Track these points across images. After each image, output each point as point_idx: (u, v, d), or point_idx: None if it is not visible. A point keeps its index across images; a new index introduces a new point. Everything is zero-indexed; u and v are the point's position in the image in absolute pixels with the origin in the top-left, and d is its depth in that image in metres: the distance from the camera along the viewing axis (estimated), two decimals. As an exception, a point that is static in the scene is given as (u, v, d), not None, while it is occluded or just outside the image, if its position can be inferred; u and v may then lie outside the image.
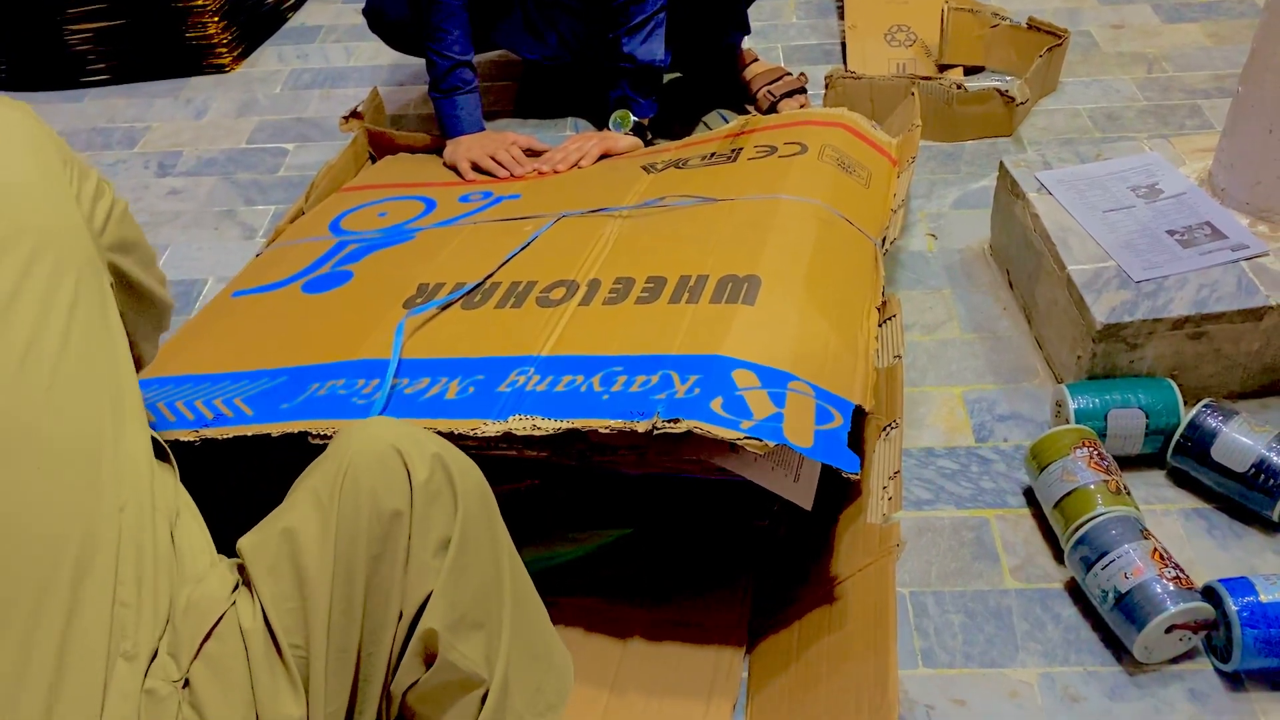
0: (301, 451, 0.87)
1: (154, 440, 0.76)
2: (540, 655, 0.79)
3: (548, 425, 0.90)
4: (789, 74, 1.86)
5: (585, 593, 1.05)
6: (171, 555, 0.71)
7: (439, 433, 0.89)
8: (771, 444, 0.85)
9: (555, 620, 0.87)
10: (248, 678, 0.66)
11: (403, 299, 1.17)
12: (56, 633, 0.62)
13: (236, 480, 1.02)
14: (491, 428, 0.92)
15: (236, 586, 0.71)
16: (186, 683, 0.66)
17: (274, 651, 0.67)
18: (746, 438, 0.85)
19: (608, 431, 0.89)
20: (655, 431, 0.87)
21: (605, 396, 0.93)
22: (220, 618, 0.68)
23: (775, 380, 0.93)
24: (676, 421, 0.87)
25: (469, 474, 0.74)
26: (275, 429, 0.96)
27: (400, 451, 0.70)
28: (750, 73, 1.87)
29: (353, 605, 0.68)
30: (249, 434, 0.97)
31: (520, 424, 0.91)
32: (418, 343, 1.08)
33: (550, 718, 0.77)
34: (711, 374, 0.93)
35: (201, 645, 0.66)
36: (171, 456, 0.79)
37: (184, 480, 0.81)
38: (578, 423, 0.90)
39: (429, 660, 0.70)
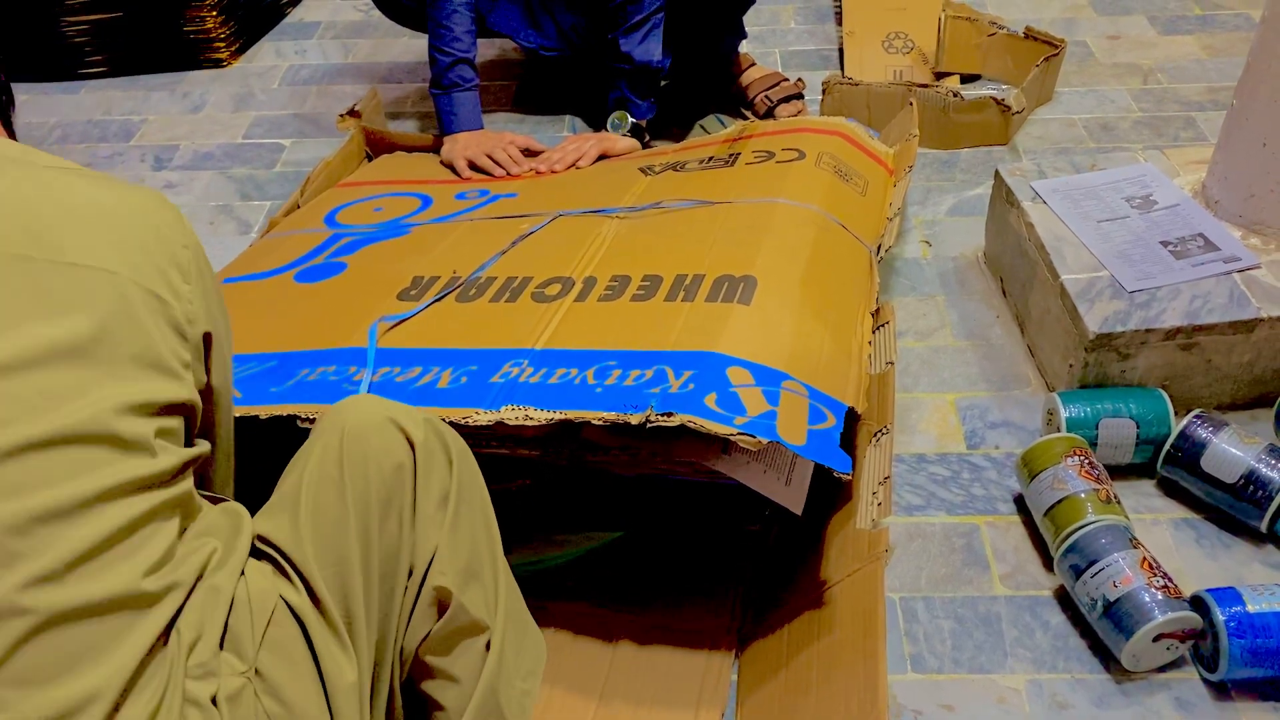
0: (287, 436, 0.87)
1: None
2: (520, 620, 0.83)
3: (540, 416, 0.90)
4: (786, 79, 1.86)
5: (574, 597, 1.04)
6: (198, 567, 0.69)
7: None
8: (764, 440, 0.85)
9: (544, 624, 0.87)
10: (309, 652, 0.68)
11: (396, 290, 1.17)
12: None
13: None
14: (483, 417, 0.91)
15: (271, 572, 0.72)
16: (256, 672, 0.66)
17: (324, 621, 0.69)
18: (740, 433, 0.85)
19: (601, 423, 0.89)
20: (649, 424, 0.87)
21: (599, 389, 0.92)
22: (275, 605, 0.68)
23: (769, 379, 0.93)
24: (670, 415, 0.87)
25: (457, 439, 0.79)
26: (264, 411, 0.96)
27: (394, 420, 0.73)
28: (747, 78, 1.87)
29: (370, 565, 0.70)
30: (236, 415, 0.96)
31: (513, 414, 0.91)
32: (410, 333, 1.08)
33: (532, 682, 0.81)
34: (706, 370, 0.93)
35: (265, 633, 0.67)
36: None
37: None
38: (571, 414, 0.89)
39: (441, 610, 0.73)
